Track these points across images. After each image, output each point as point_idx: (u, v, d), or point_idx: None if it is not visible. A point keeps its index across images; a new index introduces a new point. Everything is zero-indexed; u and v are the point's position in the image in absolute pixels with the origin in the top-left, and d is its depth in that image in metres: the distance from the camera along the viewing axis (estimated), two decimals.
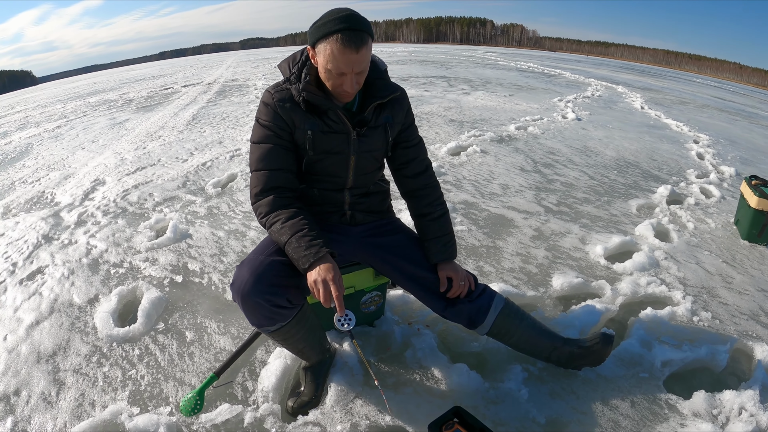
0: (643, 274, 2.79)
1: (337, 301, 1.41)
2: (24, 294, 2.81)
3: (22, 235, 3.73)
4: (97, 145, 7.05)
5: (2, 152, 7.68)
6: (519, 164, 5.00)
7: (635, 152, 5.88)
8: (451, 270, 1.79)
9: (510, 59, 27.20)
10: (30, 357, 2.22)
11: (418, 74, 14.94)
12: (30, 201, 4.66)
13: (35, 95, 25.36)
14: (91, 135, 8.01)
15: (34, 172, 5.93)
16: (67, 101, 15.90)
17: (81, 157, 6.38)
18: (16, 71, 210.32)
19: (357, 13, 1.47)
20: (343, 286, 1.44)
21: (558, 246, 3.16)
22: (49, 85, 41.26)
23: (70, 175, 5.48)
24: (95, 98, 15.15)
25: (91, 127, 8.87)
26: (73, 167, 5.86)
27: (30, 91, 36.93)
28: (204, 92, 12.70)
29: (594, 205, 3.92)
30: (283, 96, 1.63)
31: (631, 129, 7.46)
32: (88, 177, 5.21)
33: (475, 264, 2.88)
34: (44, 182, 5.31)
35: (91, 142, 7.40)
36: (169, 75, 22.76)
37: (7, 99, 27.69)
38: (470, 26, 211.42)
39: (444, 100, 9.27)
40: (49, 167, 6.06)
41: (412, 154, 1.87)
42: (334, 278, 1.42)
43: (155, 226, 3.60)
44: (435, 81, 12.97)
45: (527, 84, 13.18)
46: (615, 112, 9.14)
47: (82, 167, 5.77)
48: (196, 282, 2.76)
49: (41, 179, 5.47)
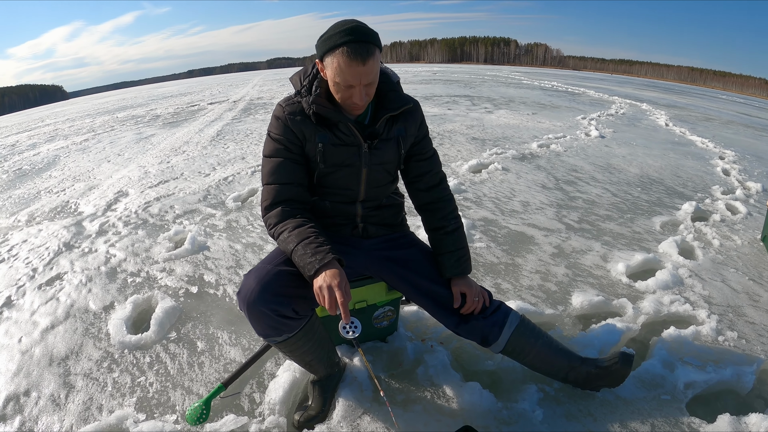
0: (666, 293, 2.72)
1: (342, 307, 1.38)
2: (42, 298, 2.88)
3: (44, 242, 3.83)
4: (123, 159, 7.22)
5: (30, 163, 7.91)
6: (540, 181, 4.97)
7: (659, 169, 5.80)
8: (465, 285, 1.75)
9: (534, 78, 27.26)
10: (42, 359, 2.27)
11: (442, 93, 15.08)
12: (54, 210, 4.79)
13: (65, 109, 26.14)
14: (117, 148, 8.22)
15: (59, 182, 6.10)
16: (95, 116, 16.37)
17: (106, 170, 6.54)
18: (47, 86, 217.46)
19: (363, 24, 1.48)
20: (349, 293, 1.41)
21: (579, 264, 3.10)
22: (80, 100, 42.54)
23: (94, 186, 5.62)
24: (123, 113, 15.57)
25: (117, 141, 9.11)
26: (97, 179, 6.01)
27: (60, 105, 38.13)
28: (229, 109, 12.95)
29: (616, 223, 3.86)
30: (293, 109, 1.64)
31: (655, 146, 7.38)
32: (111, 189, 5.34)
33: (493, 281, 2.84)
34: (69, 192, 5.45)
35: (117, 155, 7.60)
36: (196, 92, 23.31)
37: (38, 112, 28.64)
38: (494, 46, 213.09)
39: (467, 119, 9.32)
40: (74, 178, 6.22)
41: (425, 167, 1.85)
42: (340, 284, 1.40)
43: (174, 237, 3.66)
44: (458, 100, 13.06)
45: (550, 102, 13.18)
46: (639, 130, 9.07)
47: (106, 179, 5.91)
48: (211, 293, 2.78)
49: (66, 189, 5.62)
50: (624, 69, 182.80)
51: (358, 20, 1.49)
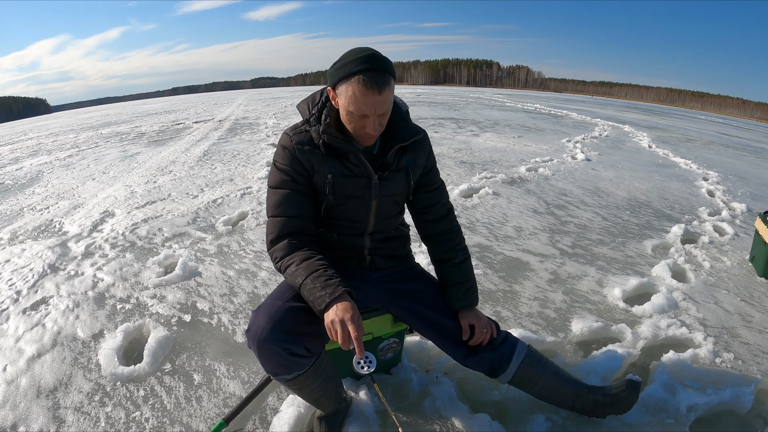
0: (662, 317, 2.78)
1: (356, 342, 1.34)
2: (26, 324, 2.78)
3: (27, 263, 3.72)
4: (108, 177, 7.12)
5: (13, 177, 7.76)
6: (532, 206, 5.02)
7: (646, 192, 5.94)
8: (473, 317, 1.74)
9: (517, 100, 27.82)
10: (30, 391, 2.17)
11: (427, 116, 15.27)
12: (38, 228, 4.68)
13: (49, 123, 25.86)
14: (102, 166, 8.11)
15: (43, 199, 5.97)
16: (79, 131, 16.19)
17: (91, 188, 6.43)
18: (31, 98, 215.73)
19: (379, 53, 1.46)
20: (362, 327, 1.38)
21: (575, 289, 3.13)
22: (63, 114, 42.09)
23: (79, 205, 5.50)
24: (107, 130, 15.42)
25: (102, 158, 8.98)
26: (82, 197, 5.89)
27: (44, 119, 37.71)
28: (215, 129, 12.90)
29: (609, 247, 3.92)
30: (301, 138, 1.60)
31: (640, 168, 7.57)
32: (97, 208, 5.24)
33: (492, 309, 2.84)
34: (53, 210, 5.33)
35: (102, 173, 7.48)
36: (180, 111, 23.22)
37: (21, 125, 28.25)
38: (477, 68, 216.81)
39: (454, 142, 9.43)
40: (58, 196, 6.10)
41: (433, 198, 1.84)
42: (353, 318, 1.36)
43: (164, 262, 3.58)
44: (444, 123, 13.22)
45: (535, 125, 13.41)
46: (623, 152, 9.28)
47: (91, 198, 5.80)
48: (205, 322, 2.71)
49: (50, 207, 5.50)
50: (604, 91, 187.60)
51: (374, 48, 1.48)
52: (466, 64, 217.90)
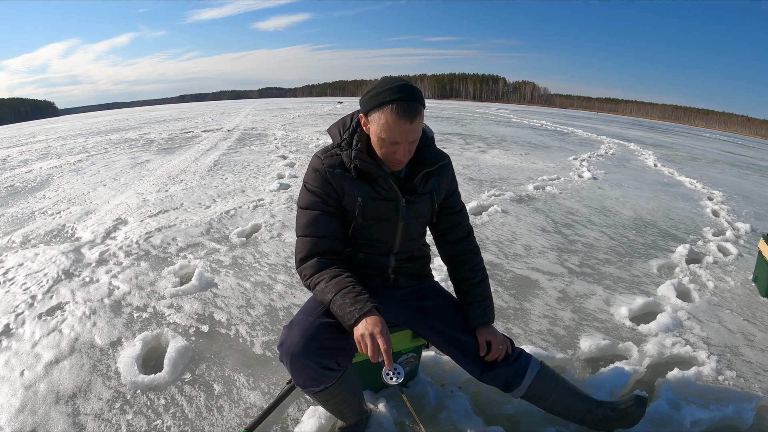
0: (667, 335, 2.88)
1: (386, 354, 1.41)
2: (43, 329, 2.83)
3: (41, 268, 3.79)
4: (119, 184, 7.22)
5: (23, 180, 7.89)
6: (540, 225, 5.10)
7: (652, 211, 6.04)
8: (490, 334, 1.83)
9: (523, 116, 28.08)
10: (48, 396, 2.22)
11: (434, 131, 15.21)
12: (50, 233, 4.76)
13: (57, 126, 26.16)
14: (113, 172, 8.23)
15: (54, 204, 6.07)
16: (88, 136, 16.40)
17: (102, 194, 6.53)
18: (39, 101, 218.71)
19: (411, 84, 1.55)
20: (390, 340, 1.45)
21: (583, 308, 3.23)
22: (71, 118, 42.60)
23: (91, 211, 5.59)
24: (116, 136, 15.62)
25: (112, 165, 9.11)
26: (94, 203, 5.99)
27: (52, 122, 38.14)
28: (224, 138, 13.08)
29: (615, 266, 4.01)
30: (333, 162, 1.69)
31: (645, 187, 7.68)
32: (110, 215, 5.33)
33: (503, 326, 2.93)
34: (65, 216, 5.42)
35: (113, 179, 7.59)
36: (189, 119, 23.50)
37: (29, 127, 28.62)
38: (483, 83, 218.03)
39: (462, 158, 9.55)
40: (69, 201, 6.20)
41: (456, 220, 1.93)
42: (382, 331, 1.44)
43: (179, 272, 3.65)
44: (451, 138, 13.41)
45: (542, 142, 13.55)
46: (629, 170, 9.39)
47: (103, 204, 5.90)
48: (223, 333, 2.77)
49: (62, 212, 5.59)
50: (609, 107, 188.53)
51: (405, 79, 1.57)
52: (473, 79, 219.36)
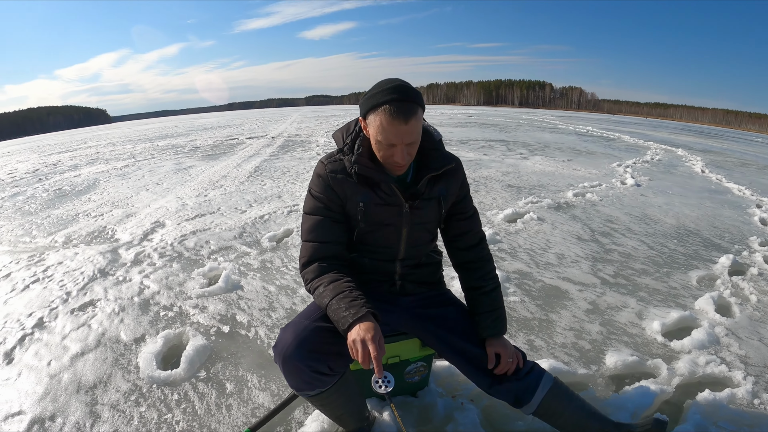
0: (702, 353, 2.69)
1: (375, 361, 1.39)
2: (73, 324, 3.02)
3: (79, 266, 4.00)
4: (161, 188, 7.51)
5: (71, 184, 8.30)
6: (576, 233, 4.96)
7: (696, 219, 5.76)
8: (500, 346, 1.76)
9: (569, 122, 27.52)
10: (70, 386, 2.38)
11: (478, 137, 15.37)
12: (91, 234, 5.00)
13: (107, 133, 27.36)
14: (156, 177, 8.57)
15: (98, 206, 6.38)
16: (137, 142, 17.10)
17: (144, 198, 6.81)
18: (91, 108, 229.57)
19: (407, 84, 1.54)
20: (383, 347, 1.44)
21: (613, 321, 3.09)
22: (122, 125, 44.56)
23: (132, 214, 5.85)
24: (163, 142, 16.22)
25: (157, 170, 9.49)
26: (135, 206, 6.26)
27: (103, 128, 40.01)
28: (267, 145, 13.40)
29: (652, 277, 3.82)
30: (335, 167, 1.69)
31: (691, 194, 7.35)
32: (149, 218, 5.55)
33: (526, 338, 2.84)
34: (106, 218, 5.69)
35: (156, 184, 7.91)
36: (235, 126, 24.17)
37: (81, 134, 30.06)
38: (529, 89, 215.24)
39: (502, 165, 9.43)
40: (112, 204, 6.50)
41: (466, 227, 1.89)
42: (374, 338, 1.42)
43: (208, 273, 3.77)
44: (494, 145, 13.25)
45: (586, 148, 13.22)
46: (675, 177, 9.03)
47: (144, 208, 6.15)
48: (243, 334, 2.85)
49: (104, 214, 5.87)
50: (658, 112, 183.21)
51: (402, 80, 1.57)
52: (519, 85, 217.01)
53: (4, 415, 2.17)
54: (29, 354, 2.70)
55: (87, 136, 26.76)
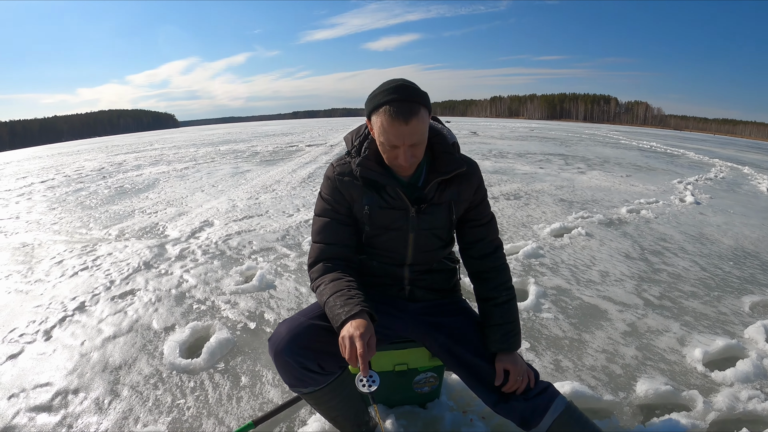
0: (745, 387, 2.45)
1: (361, 359, 1.36)
2: (111, 309, 3.24)
3: (126, 258, 4.24)
4: (216, 190, 7.83)
5: (132, 182, 8.77)
6: (624, 250, 4.76)
7: (756, 241, 5.39)
8: (510, 362, 1.65)
9: (633, 138, 26.50)
10: (98, 365, 2.57)
11: (536, 151, 15.15)
12: (143, 229, 5.29)
13: (174, 137, 28.70)
14: (213, 180, 8.93)
15: (154, 204, 6.73)
16: (200, 146, 17.86)
17: (198, 198, 7.13)
18: (160, 113, 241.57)
19: (410, 83, 1.52)
20: (373, 346, 1.41)
21: (651, 345, 2.90)
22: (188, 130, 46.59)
23: (184, 212, 6.13)
24: (225, 147, 16.86)
25: (215, 173, 9.88)
26: (188, 206, 6.56)
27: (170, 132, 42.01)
28: (325, 153, 13.70)
29: (701, 301, 3.58)
30: (343, 170, 1.69)
31: (754, 215, 6.89)
32: (199, 217, 5.81)
33: (553, 357, 2.72)
34: (160, 215, 5.99)
35: (211, 186, 8.25)
36: (297, 134, 24.80)
37: (149, 136, 31.64)
38: (594, 103, 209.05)
39: (557, 179, 9.23)
40: (168, 202, 6.83)
41: (480, 234, 1.82)
42: (363, 335, 1.39)
43: (245, 272, 3.91)
44: (552, 158, 13.00)
45: (647, 164, 12.69)
46: (738, 196, 8.51)
47: (196, 207, 6.44)
48: (267, 332, 2.93)
49: (158, 212, 6.19)
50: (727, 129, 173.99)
51: (406, 79, 1.55)
52: (583, 99, 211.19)
53: (33, 385, 2.37)
54: (66, 334, 2.91)
55: (154, 138, 28.21)
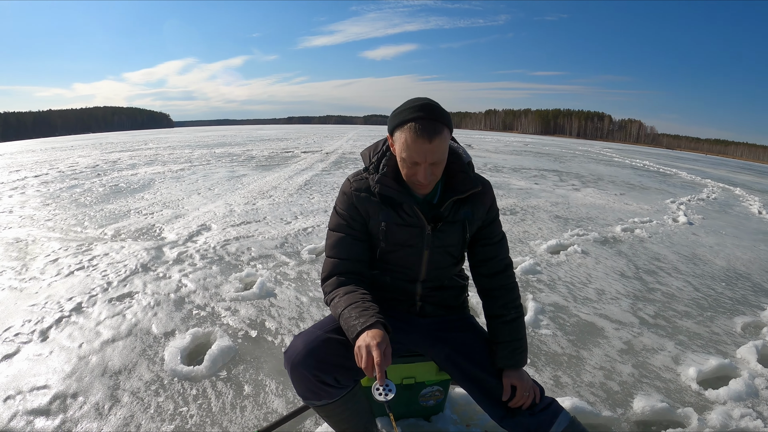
0: (738, 405, 2.55)
1: (378, 368, 1.39)
2: (109, 312, 3.20)
3: (123, 259, 4.21)
4: (212, 194, 7.81)
5: (127, 181, 8.73)
6: (620, 269, 4.84)
7: (747, 262, 5.51)
8: (517, 378, 1.70)
9: (626, 156, 26.98)
10: (97, 368, 2.53)
11: (531, 166, 15.31)
12: (139, 230, 5.26)
13: (169, 137, 28.66)
14: (209, 183, 8.90)
15: (150, 205, 6.69)
16: (195, 147, 17.83)
17: (194, 201, 7.11)
18: (155, 112, 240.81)
19: (434, 103, 1.56)
20: (389, 356, 1.43)
21: (647, 363, 2.97)
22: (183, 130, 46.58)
23: (181, 215, 6.10)
24: (221, 150, 16.84)
25: (211, 175, 9.86)
26: (185, 209, 6.53)
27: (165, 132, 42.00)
28: (321, 160, 13.72)
29: (695, 321, 3.67)
30: (360, 186, 1.73)
31: (745, 236, 7.03)
32: (196, 221, 5.78)
33: (552, 373, 2.77)
34: (156, 217, 5.96)
35: (208, 189, 8.22)
36: (292, 139, 24.87)
37: (143, 135, 31.58)
38: (588, 120, 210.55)
39: (552, 195, 9.33)
40: (164, 204, 6.80)
41: (490, 253, 1.85)
42: (379, 345, 1.42)
43: (245, 279, 3.89)
44: (546, 174, 13.14)
45: (640, 183, 12.87)
46: (730, 217, 8.66)
47: (193, 210, 6.41)
48: (269, 340, 2.92)
49: (154, 213, 6.16)
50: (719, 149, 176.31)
51: (431, 99, 1.59)
52: (577, 116, 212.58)
53: (30, 387, 2.33)
54: (63, 335, 2.88)
55: (148, 137, 28.18)
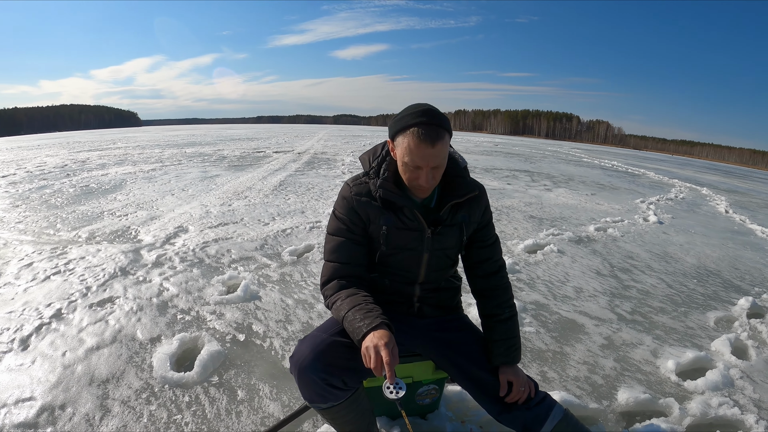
0: (715, 394, 2.70)
1: (387, 367, 1.42)
2: (91, 318, 3.12)
3: (101, 263, 4.12)
4: (186, 194, 7.69)
5: (98, 182, 8.55)
6: (595, 267, 4.96)
7: (717, 260, 5.73)
8: (513, 374, 1.79)
9: (594, 156, 27.70)
10: (83, 378, 2.46)
11: (502, 166, 15.54)
12: (115, 233, 5.15)
13: (137, 136, 28.10)
14: (182, 183, 8.77)
15: (123, 206, 6.56)
16: (165, 147, 17.54)
17: (169, 202, 6.99)
18: (123, 110, 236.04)
19: (436, 109, 1.61)
20: (396, 355, 1.47)
21: (628, 357, 3.09)
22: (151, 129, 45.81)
23: (156, 216, 6.00)
24: (191, 149, 16.60)
25: (183, 176, 9.71)
26: (160, 210, 6.42)
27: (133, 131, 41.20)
28: (294, 161, 13.65)
29: (670, 316, 3.82)
30: (360, 190, 1.77)
31: (713, 234, 7.32)
32: (172, 222, 5.69)
33: (539, 369, 2.86)
34: (131, 218, 5.85)
35: (181, 190, 8.10)
36: (263, 139, 24.68)
37: (111, 134, 30.95)
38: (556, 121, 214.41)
39: (525, 195, 9.49)
40: (137, 205, 6.68)
41: (485, 255, 1.92)
42: (387, 344, 1.45)
43: (228, 281, 3.85)
44: (518, 175, 13.35)
45: (610, 183, 13.21)
46: (698, 216, 8.98)
47: (168, 212, 6.31)
48: (257, 344, 2.90)
49: (129, 215, 6.04)
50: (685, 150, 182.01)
51: (431, 105, 1.63)
52: (546, 116, 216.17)
53: (15, 399, 2.26)
54: (45, 343, 2.79)
55: (117, 137, 27.58)
